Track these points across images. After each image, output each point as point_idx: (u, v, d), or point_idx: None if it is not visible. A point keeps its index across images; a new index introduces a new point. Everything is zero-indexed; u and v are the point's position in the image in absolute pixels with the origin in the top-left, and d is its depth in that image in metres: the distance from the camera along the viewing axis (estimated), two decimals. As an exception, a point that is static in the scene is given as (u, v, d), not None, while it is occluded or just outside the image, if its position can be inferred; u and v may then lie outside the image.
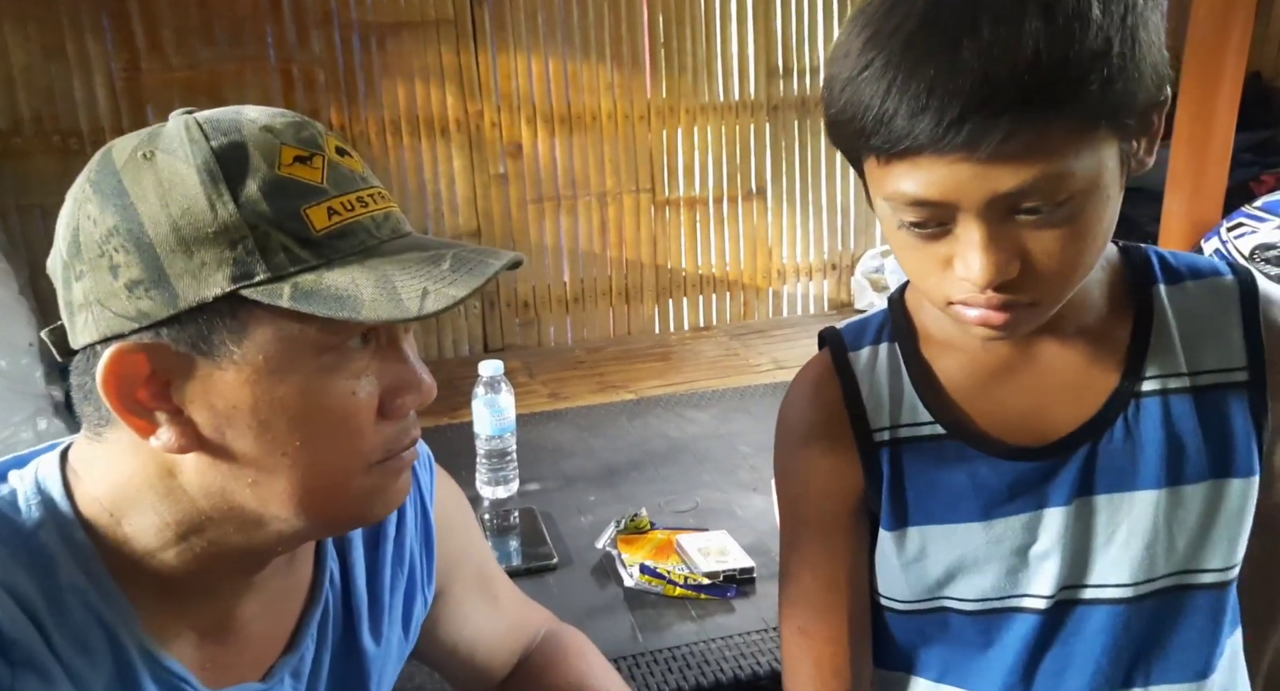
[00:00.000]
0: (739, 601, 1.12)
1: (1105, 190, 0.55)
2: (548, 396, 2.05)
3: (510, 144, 2.40)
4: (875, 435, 0.67)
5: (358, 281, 0.48)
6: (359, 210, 0.50)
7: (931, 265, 0.57)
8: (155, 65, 2.09)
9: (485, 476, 1.48)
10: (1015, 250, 0.54)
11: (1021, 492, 0.65)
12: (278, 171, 0.48)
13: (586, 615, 1.09)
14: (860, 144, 0.55)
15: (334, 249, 0.49)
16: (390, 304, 0.47)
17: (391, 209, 0.53)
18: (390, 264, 0.49)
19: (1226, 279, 0.66)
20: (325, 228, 0.48)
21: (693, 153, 2.58)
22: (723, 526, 1.29)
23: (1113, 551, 0.65)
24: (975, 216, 0.53)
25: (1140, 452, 0.64)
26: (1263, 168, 2.23)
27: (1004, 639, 0.66)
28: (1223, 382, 0.66)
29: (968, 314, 0.57)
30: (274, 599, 0.58)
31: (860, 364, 0.69)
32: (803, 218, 2.72)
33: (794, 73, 2.61)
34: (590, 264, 2.56)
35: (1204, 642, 0.67)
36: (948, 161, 0.52)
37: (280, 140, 0.49)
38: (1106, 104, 0.51)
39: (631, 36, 2.44)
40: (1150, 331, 0.66)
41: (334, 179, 0.50)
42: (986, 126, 0.50)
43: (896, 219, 0.57)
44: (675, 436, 1.70)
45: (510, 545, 1.29)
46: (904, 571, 0.67)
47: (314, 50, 2.21)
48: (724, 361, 2.31)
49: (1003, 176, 0.51)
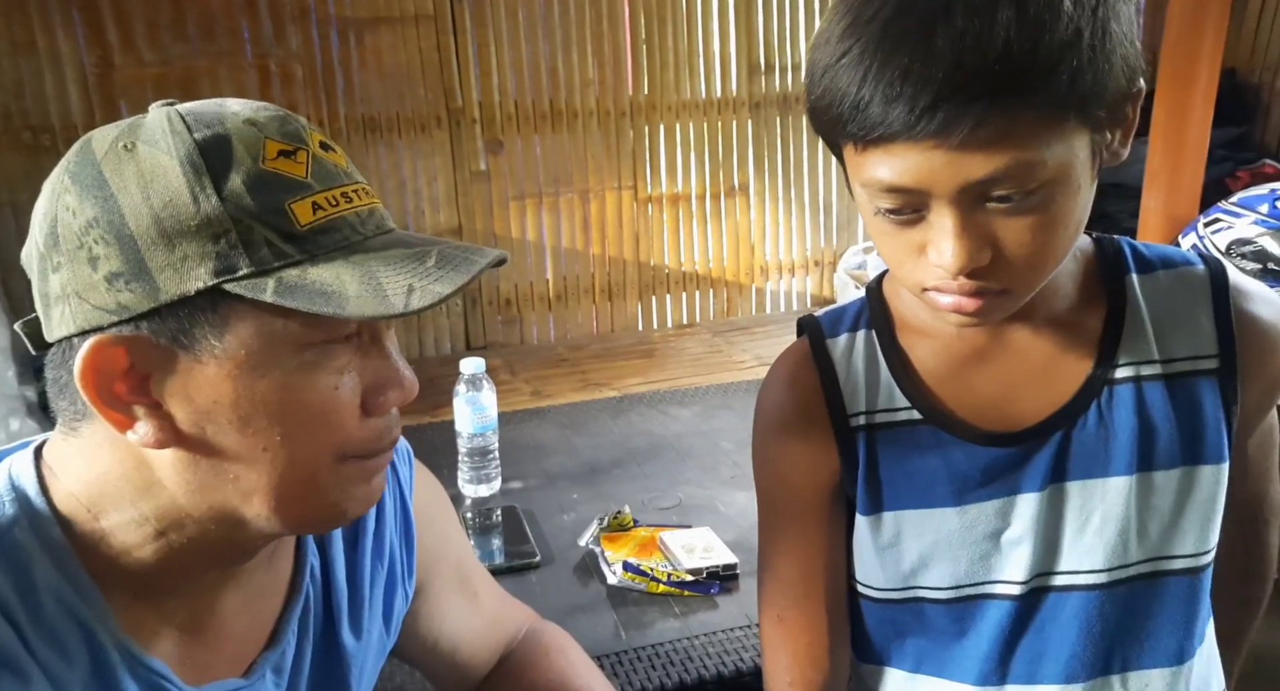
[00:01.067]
0: (722, 598, 1.12)
1: (1076, 180, 0.56)
2: (530, 394, 2.04)
3: (491, 140, 2.39)
4: (851, 420, 0.68)
5: (342, 277, 0.47)
6: (343, 206, 0.50)
7: (906, 251, 0.58)
8: (128, 60, 2.06)
9: (467, 474, 1.47)
10: (986, 238, 0.55)
11: (994, 478, 0.65)
12: (262, 165, 0.47)
13: (569, 613, 1.09)
14: (838, 131, 0.56)
15: (317, 244, 0.48)
16: (375, 300, 0.46)
17: (375, 205, 0.53)
18: (375, 260, 0.49)
19: (1198, 269, 0.67)
20: (309, 222, 0.48)
21: (675, 149, 2.58)
22: (706, 523, 1.29)
23: (1086, 538, 0.65)
24: (947, 204, 0.54)
25: (1113, 439, 0.65)
26: (1238, 164, 2.25)
27: (978, 627, 0.67)
28: (1194, 370, 0.66)
29: (941, 300, 0.58)
30: (254, 594, 0.58)
31: (838, 350, 0.69)
32: (785, 214, 2.72)
33: (776, 69, 2.61)
34: (573, 261, 2.55)
35: (1179, 629, 0.68)
36: (921, 148, 0.52)
37: (264, 134, 0.48)
38: (1076, 94, 0.52)
39: (613, 33, 2.44)
40: (1123, 320, 0.67)
41: (318, 174, 0.49)
42: (958, 114, 0.51)
43: (873, 205, 0.58)
44: (658, 433, 1.70)
45: (493, 543, 1.28)
46: (879, 556, 0.68)
47: (291, 46, 2.19)
48: (707, 358, 2.31)
49: (974, 164, 0.52)
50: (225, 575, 0.55)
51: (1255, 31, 2.33)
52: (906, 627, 0.69)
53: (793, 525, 0.70)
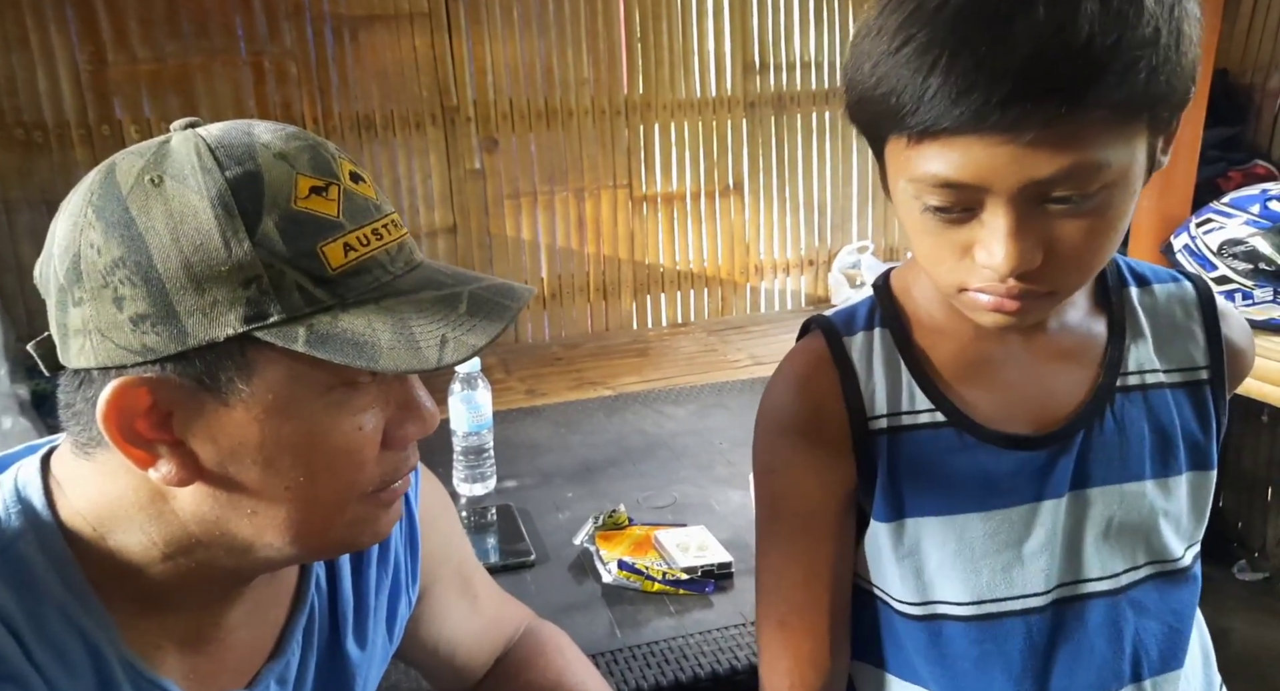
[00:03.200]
0: (717, 596, 1.12)
1: (1133, 184, 0.54)
2: (525, 393, 2.04)
3: (486, 139, 2.39)
4: (872, 423, 0.66)
5: (375, 326, 0.46)
6: (374, 244, 0.49)
7: (949, 251, 0.56)
8: (121, 57, 2.05)
9: (462, 473, 1.47)
10: (1041, 240, 0.53)
11: (1020, 483, 0.64)
12: (294, 206, 0.46)
13: (564, 611, 1.09)
14: (892, 123, 0.54)
15: (349, 287, 0.47)
16: (409, 353, 0.46)
17: (405, 238, 0.52)
18: (407, 305, 0.48)
19: (1187, 286, 0.70)
20: (341, 265, 0.47)
21: (670, 148, 2.58)
22: (701, 521, 1.30)
23: (1107, 543, 0.65)
24: (1005, 203, 0.52)
25: (1128, 445, 0.65)
26: (1230, 164, 2.26)
27: (1005, 649, 0.65)
28: (1191, 380, 0.68)
29: (981, 299, 0.57)
30: (258, 606, 0.58)
31: (855, 351, 0.67)
32: (780, 214, 2.72)
33: (770, 69, 2.61)
34: (568, 260, 2.55)
35: (1188, 629, 0.68)
36: (986, 143, 0.50)
37: (296, 169, 0.47)
38: (1149, 94, 0.50)
39: (608, 31, 2.44)
40: (1125, 329, 0.67)
41: (349, 211, 0.48)
42: (1034, 109, 0.48)
43: (919, 202, 0.55)
44: (653, 432, 1.71)
45: (488, 542, 1.29)
46: (898, 565, 0.66)
47: (285, 43, 2.18)
48: (702, 357, 2.31)
49: (1040, 163, 0.50)
50: (231, 592, 0.55)
51: (1247, 33, 2.34)
52: (927, 648, 0.67)
53: (800, 532, 0.68)
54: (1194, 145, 1.98)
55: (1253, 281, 1.75)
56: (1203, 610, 0.72)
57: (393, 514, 0.55)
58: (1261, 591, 2.41)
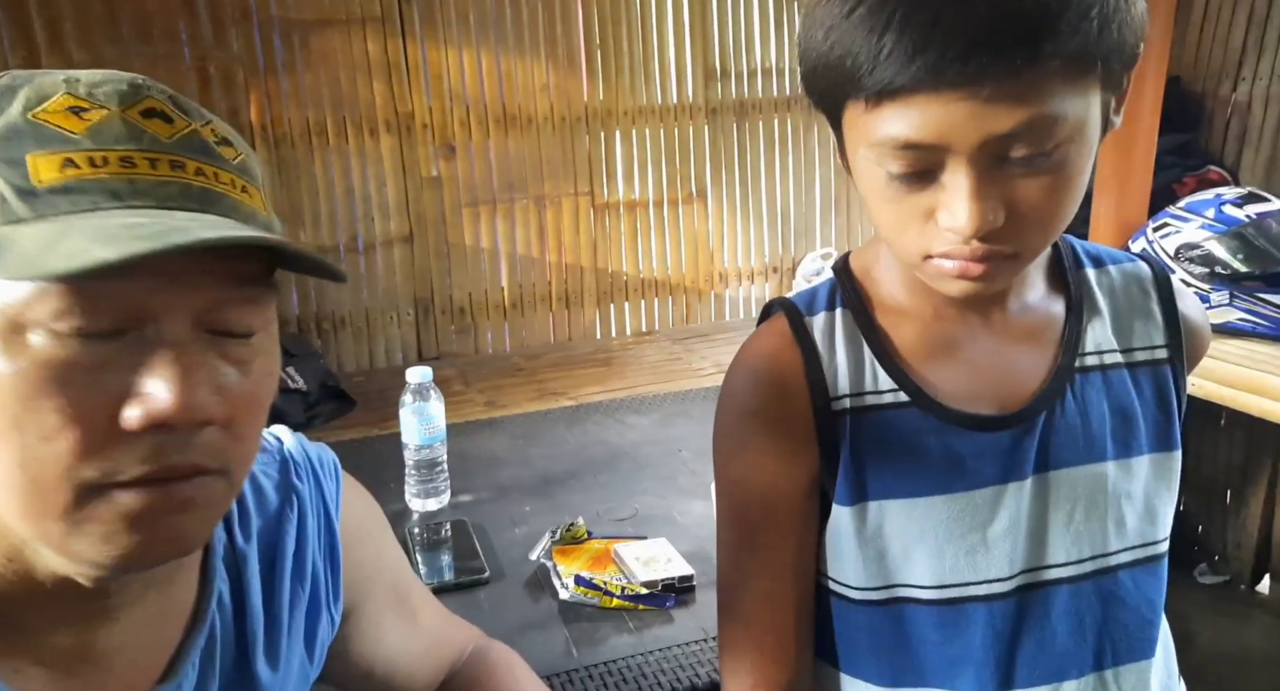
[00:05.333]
0: (678, 611, 1.09)
1: (1089, 140, 0.55)
2: (484, 404, 1.99)
3: (443, 146, 2.34)
4: (834, 403, 0.64)
5: (40, 237, 0.40)
6: (115, 169, 0.42)
7: (911, 218, 0.56)
8: (56, 61, 1.97)
9: (415, 488, 1.42)
10: (1002, 200, 0.53)
11: (984, 465, 0.63)
12: (29, 115, 0.42)
13: (519, 631, 1.05)
14: (847, 89, 0.53)
15: (51, 205, 0.41)
16: (26, 259, 0.39)
17: (210, 187, 0.44)
18: (99, 221, 0.40)
19: (1142, 266, 0.70)
20: (51, 180, 0.41)
21: (631, 155, 2.56)
22: (662, 533, 1.26)
23: (1070, 528, 0.64)
24: (966, 162, 0.52)
25: (1090, 425, 0.65)
26: (1184, 170, 2.29)
27: (967, 635, 0.64)
28: (1150, 359, 0.68)
29: (945, 266, 0.56)
30: (144, 625, 0.52)
31: (818, 330, 0.66)
32: (743, 221, 2.71)
33: (732, 76, 2.60)
34: (528, 268, 2.50)
35: (1156, 618, 0.68)
36: (944, 100, 0.50)
37: (69, 90, 0.43)
38: (1102, 44, 0.51)
39: (567, 37, 2.41)
40: (1083, 310, 0.67)
41: (100, 134, 0.42)
42: (990, 62, 0.48)
43: (880, 170, 0.55)
44: (615, 443, 1.67)
45: (441, 560, 1.24)
46: (860, 550, 0.64)
47: (232, 48, 2.12)
48: (666, 365, 2.28)
49: (999, 117, 0.50)
50: (103, 606, 0.50)
51: (1198, 41, 2.37)
52: (886, 638, 0.65)
53: (762, 518, 0.66)
54: (1149, 151, 2.00)
55: (1209, 285, 1.77)
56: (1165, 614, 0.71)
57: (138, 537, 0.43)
58: (1223, 594, 2.43)
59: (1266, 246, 1.71)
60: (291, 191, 2.22)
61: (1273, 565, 2.39)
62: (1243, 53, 2.30)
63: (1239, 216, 1.76)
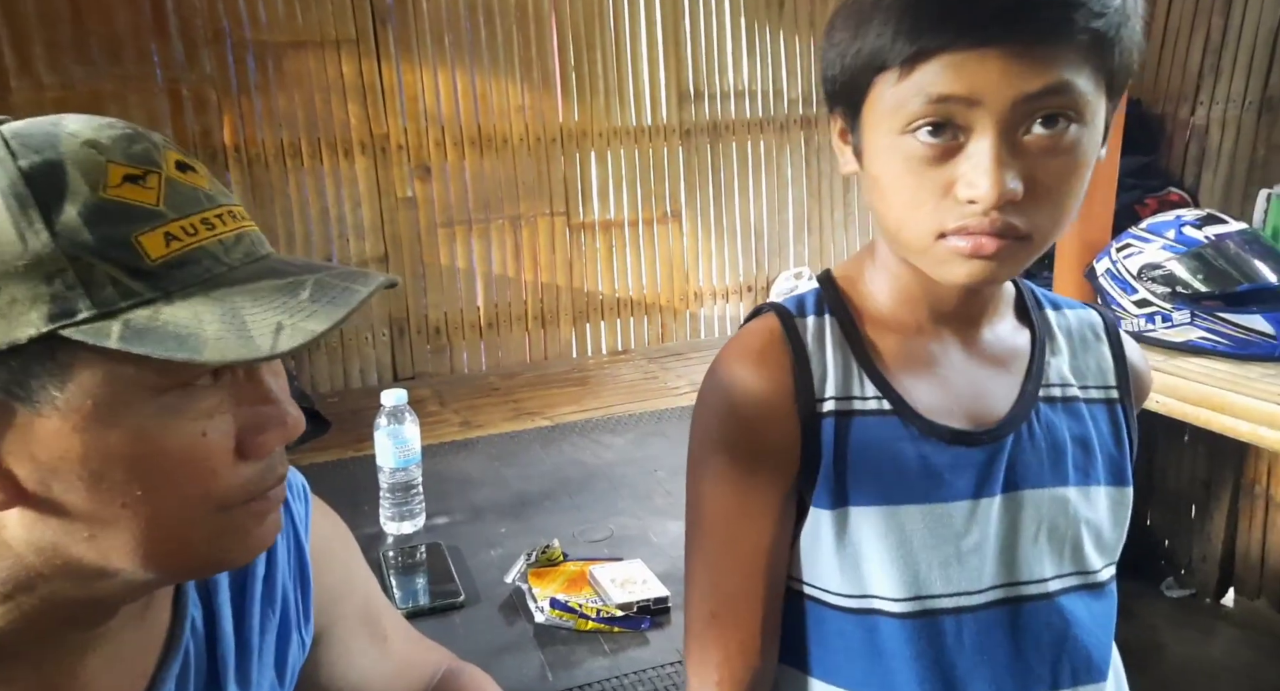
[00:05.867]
0: (653, 633, 1.09)
1: (1096, 137, 0.59)
2: (459, 425, 1.99)
3: (418, 166, 2.35)
4: (821, 405, 0.65)
5: (201, 316, 0.42)
6: (204, 234, 0.45)
7: (929, 192, 0.58)
8: (24, 84, 1.96)
9: (389, 511, 1.41)
10: (1022, 171, 0.56)
11: (960, 479, 0.65)
12: (102, 194, 0.43)
13: (494, 654, 1.05)
14: (880, 63, 0.57)
15: (173, 279, 0.43)
16: (238, 341, 0.42)
17: (245, 229, 0.48)
18: (241, 294, 0.44)
19: (1094, 313, 0.74)
20: (163, 256, 0.43)
21: (606, 176, 2.58)
22: (638, 554, 1.27)
23: (1036, 547, 0.66)
24: (993, 124, 0.55)
25: (1054, 451, 0.67)
26: (1145, 191, 2.35)
27: (935, 648, 0.65)
28: (1105, 397, 0.71)
29: (959, 244, 0.58)
30: (123, 652, 0.53)
31: (808, 332, 0.67)
32: (717, 241, 2.73)
33: (705, 98, 2.63)
34: (504, 288, 2.51)
35: (1108, 640, 0.70)
36: (980, 56, 0.54)
37: (106, 157, 0.44)
38: (1120, 37, 0.56)
39: (541, 59, 2.43)
40: (1046, 345, 0.70)
41: (173, 200, 0.45)
42: (1023, 22, 0.53)
43: (901, 148, 0.58)
44: (590, 463, 1.67)
45: (416, 583, 1.24)
46: (838, 555, 0.65)
47: (204, 69, 2.11)
48: (642, 385, 2.29)
49: (1029, 77, 0.54)
50: (86, 636, 0.50)
51: (1157, 65, 2.44)
52: (858, 645, 0.66)
53: (738, 515, 0.66)
54: (1112, 173, 2.05)
55: (1171, 304, 1.81)
56: (1132, 627, 0.73)
57: (269, 527, 0.50)
58: (1189, 608, 2.47)
59: (1225, 267, 1.76)
60: (265, 213, 2.21)
61: (1237, 578, 2.43)
62: (1200, 77, 2.36)
63: (1199, 238, 1.80)
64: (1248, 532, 2.38)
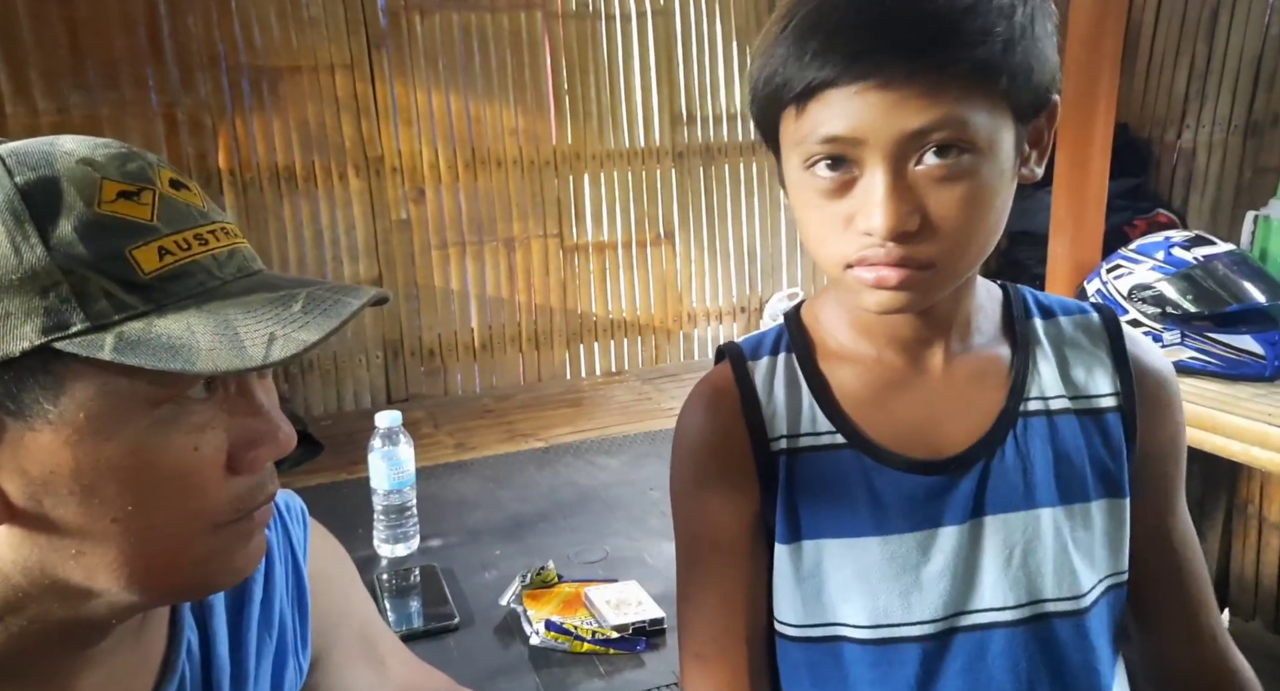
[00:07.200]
0: (649, 654, 1.08)
1: (1001, 163, 0.58)
2: (454, 447, 1.98)
3: (413, 189, 2.36)
4: (773, 444, 0.67)
5: (194, 327, 0.42)
6: (197, 249, 0.45)
7: (832, 226, 0.59)
8: (20, 109, 1.96)
9: (383, 533, 1.41)
10: (915, 203, 0.56)
11: (918, 508, 0.65)
12: (97, 209, 0.43)
13: (489, 677, 1.04)
14: (781, 97, 0.58)
15: (166, 292, 0.44)
16: (231, 352, 0.42)
17: (238, 245, 0.49)
18: (234, 306, 0.44)
19: (1093, 316, 0.72)
20: (156, 270, 0.43)
21: (600, 198, 2.59)
22: (633, 575, 1.26)
23: (1008, 573, 0.65)
24: (881, 161, 0.56)
25: (1032, 471, 0.66)
26: (1135, 212, 2.37)
27: (899, 674, 0.65)
28: (1097, 407, 0.69)
29: (863, 275, 0.58)
30: (117, 675, 0.52)
31: (759, 374, 0.69)
32: (711, 262, 2.75)
33: (698, 120, 2.65)
34: (498, 310, 2.51)
35: (1101, 666, 0.68)
36: (861, 94, 0.54)
37: (101, 174, 0.44)
38: (1007, 61, 0.55)
39: (535, 82, 2.45)
40: (1029, 357, 0.69)
41: (167, 215, 0.45)
42: (899, 59, 0.53)
43: (807, 180, 0.59)
44: (585, 484, 1.67)
45: (410, 606, 1.23)
46: (798, 588, 0.66)
47: (200, 94, 2.12)
48: (636, 406, 2.29)
49: (910, 114, 0.54)
50: (79, 657, 0.50)
51: (1144, 90, 2.48)
52: (825, 675, 0.66)
53: (712, 555, 0.68)
54: (1101, 195, 2.07)
55: (1161, 324, 1.82)
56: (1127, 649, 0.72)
57: (254, 549, 0.50)
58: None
59: (1215, 288, 1.77)
60: (260, 235, 2.22)
61: (1231, 600, 2.43)
62: (1185, 101, 2.40)
63: (1188, 259, 1.82)
64: (1241, 554, 2.38)
